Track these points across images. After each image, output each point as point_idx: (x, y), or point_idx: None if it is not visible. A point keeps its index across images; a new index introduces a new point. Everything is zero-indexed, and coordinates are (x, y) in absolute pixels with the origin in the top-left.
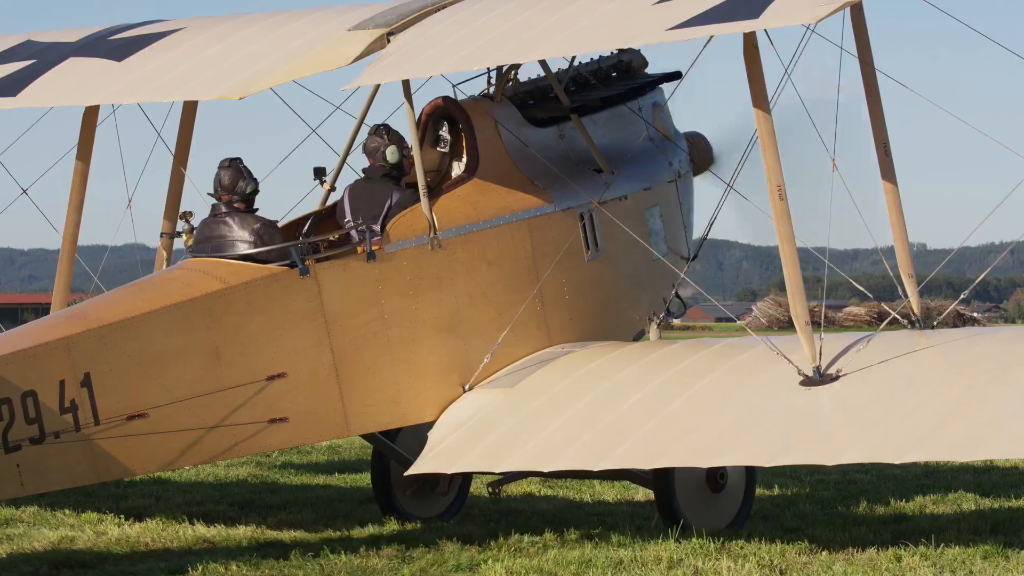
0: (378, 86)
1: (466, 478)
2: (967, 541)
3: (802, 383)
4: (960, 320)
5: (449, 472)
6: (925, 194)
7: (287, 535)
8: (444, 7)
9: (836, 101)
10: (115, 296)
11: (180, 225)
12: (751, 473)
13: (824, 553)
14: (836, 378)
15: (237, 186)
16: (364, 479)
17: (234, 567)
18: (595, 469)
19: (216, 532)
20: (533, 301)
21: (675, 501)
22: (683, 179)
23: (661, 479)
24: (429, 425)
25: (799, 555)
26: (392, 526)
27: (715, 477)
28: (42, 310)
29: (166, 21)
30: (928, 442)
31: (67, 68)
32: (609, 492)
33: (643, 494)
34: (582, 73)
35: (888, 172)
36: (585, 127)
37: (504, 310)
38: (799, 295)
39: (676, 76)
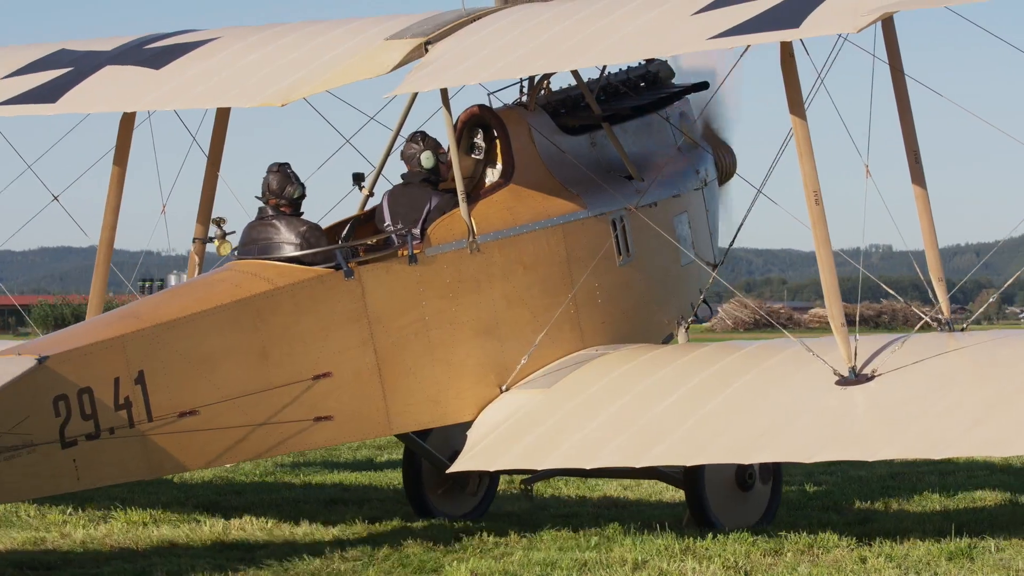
0: (415, 94)
1: (494, 478)
2: (932, 542)
3: (838, 383)
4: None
5: (490, 470)
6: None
7: (252, 537)
8: (479, 18)
9: (869, 109)
10: (167, 296)
11: (212, 230)
12: (778, 472)
13: (789, 555)
14: (871, 378)
15: (285, 190)
16: (330, 478)
17: (199, 569)
18: (636, 466)
19: (181, 534)
20: (567, 304)
21: (705, 500)
22: (709, 186)
23: (692, 478)
24: (464, 426)
25: (764, 556)
26: (358, 528)
27: (744, 476)
28: (7, 311)
29: (201, 31)
30: (965, 439)
31: (104, 76)
32: (574, 490)
33: (619, 489)
34: (612, 83)
35: (919, 179)
36: (616, 135)
37: (539, 313)
38: (835, 298)
39: (703, 86)
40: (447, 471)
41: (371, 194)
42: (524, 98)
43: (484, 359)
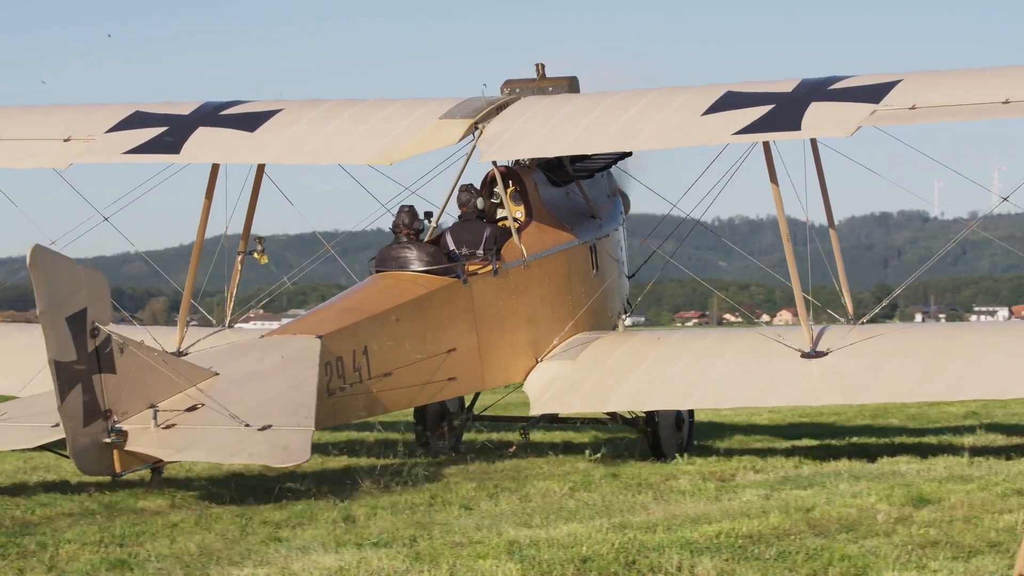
0: (468, 159)
1: (459, 429)
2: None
3: (802, 356)
4: None
5: (566, 412)
6: None
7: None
8: (504, 105)
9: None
10: (365, 296)
11: (253, 245)
12: (691, 415)
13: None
14: (827, 353)
15: (413, 224)
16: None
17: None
18: (682, 409)
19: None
20: (571, 303)
21: (659, 437)
22: (625, 221)
23: (651, 422)
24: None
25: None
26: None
27: (680, 419)
28: None
29: (258, 101)
30: (920, 390)
31: (205, 135)
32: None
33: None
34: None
35: (832, 227)
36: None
37: (556, 308)
38: (801, 301)
39: (628, 154)
40: (532, 413)
41: (435, 226)
42: (519, 162)
43: (529, 340)
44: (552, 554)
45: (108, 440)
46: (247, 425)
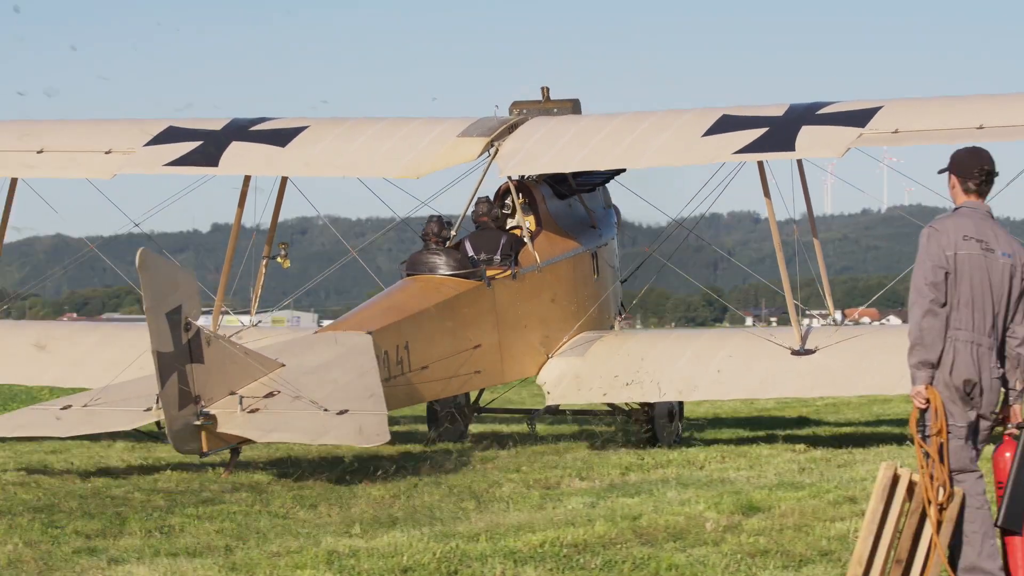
0: (484, 173)
1: (466, 424)
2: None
3: (792, 354)
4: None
5: (579, 403)
6: None
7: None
8: (516, 125)
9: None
10: (404, 296)
11: (275, 250)
12: (681, 408)
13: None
14: (815, 351)
15: (441, 232)
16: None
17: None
18: (689, 400)
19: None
20: (576, 305)
21: (655, 427)
22: (620, 231)
23: (648, 411)
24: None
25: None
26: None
27: (671, 411)
28: None
29: (284, 118)
30: (895, 385)
31: (239, 149)
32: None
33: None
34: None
35: (818, 246)
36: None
37: (564, 310)
38: (791, 304)
39: (622, 171)
40: (548, 403)
41: (455, 234)
42: (526, 177)
43: (540, 338)
44: (372, 564)
45: (198, 423)
46: (325, 410)
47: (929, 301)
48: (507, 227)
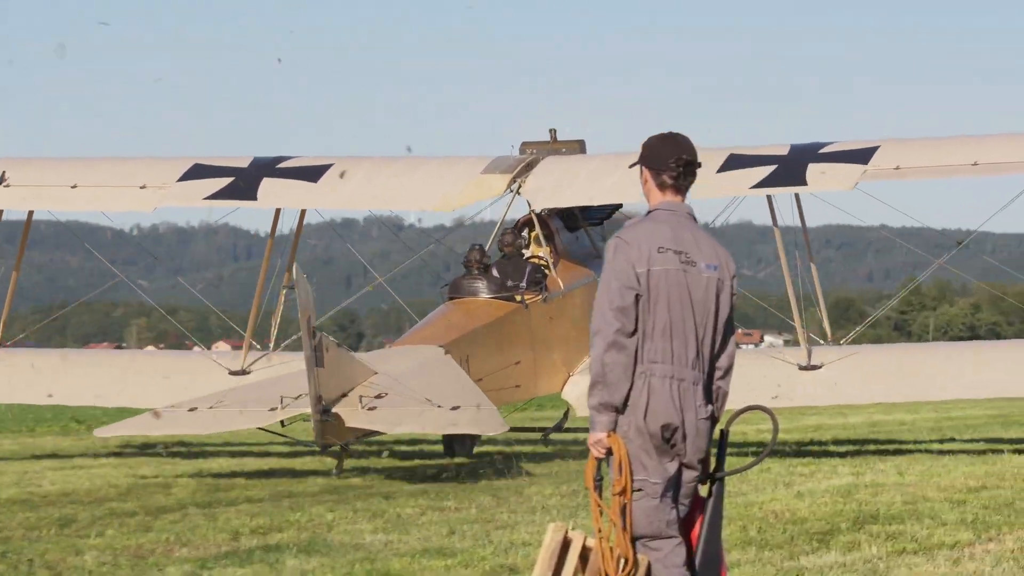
0: (508, 208)
1: (473, 439)
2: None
3: (800, 369)
4: None
5: None
6: None
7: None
8: (532, 164)
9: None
10: (457, 317)
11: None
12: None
13: None
14: (820, 367)
15: (483, 259)
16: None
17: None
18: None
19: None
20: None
21: None
22: None
23: None
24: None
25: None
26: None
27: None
28: None
29: (306, 156)
30: (891, 394)
31: (273, 185)
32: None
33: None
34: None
35: (816, 274)
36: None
37: (583, 332)
38: (800, 324)
39: (619, 207)
40: (578, 415)
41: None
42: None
43: (564, 357)
44: None
45: (322, 419)
46: (439, 406)
47: (614, 332)
48: (528, 256)
